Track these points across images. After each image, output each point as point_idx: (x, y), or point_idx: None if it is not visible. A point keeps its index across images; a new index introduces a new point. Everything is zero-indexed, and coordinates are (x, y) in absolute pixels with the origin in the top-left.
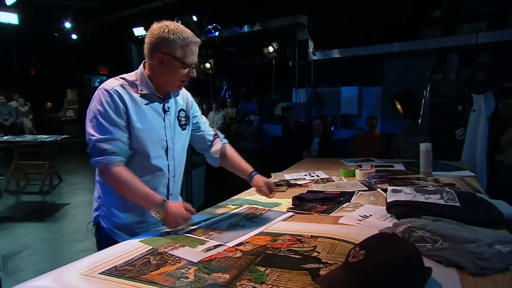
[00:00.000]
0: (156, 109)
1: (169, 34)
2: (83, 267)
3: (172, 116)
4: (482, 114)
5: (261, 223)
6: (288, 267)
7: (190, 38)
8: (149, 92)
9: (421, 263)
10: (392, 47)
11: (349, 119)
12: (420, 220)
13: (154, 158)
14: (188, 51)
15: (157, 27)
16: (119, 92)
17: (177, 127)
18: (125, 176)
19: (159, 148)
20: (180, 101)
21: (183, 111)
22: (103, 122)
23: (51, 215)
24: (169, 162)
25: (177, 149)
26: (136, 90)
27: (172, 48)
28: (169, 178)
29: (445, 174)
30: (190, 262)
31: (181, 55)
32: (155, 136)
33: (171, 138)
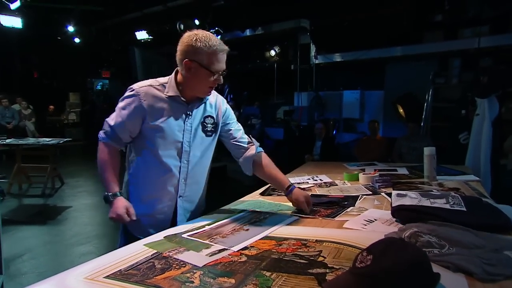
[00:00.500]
0: (178, 112)
1: (196, 42)
2: (87, 271)
3: (195, 121)
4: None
5: (266, 227)
6: (294, 271)
7: (216, 46)
8: (174, 95)
9: (430, 269)
10: (394, 51)
11: (351, 123)
12: (426, 225)
13: (165, 157)
14: (214, 59)
15: (187, 35)
16: (142, 92)
17: (199, 132)
18: (103, 156)
19: (172, 148)
20: (210, 108)
21: (211, 118)
22: (118, 113)
23: (53, 218)
24: (181, 164)
25: (195, 154)
26: (163, 91)
27: (199, 55)
28: (179, 179)
29: (449, 179)
30: (195, 266)
31: (207, 62)
32: (169, 136)
33: (188, 141)
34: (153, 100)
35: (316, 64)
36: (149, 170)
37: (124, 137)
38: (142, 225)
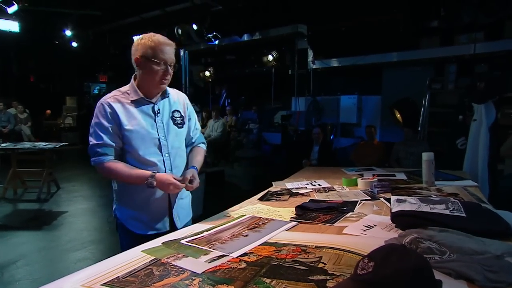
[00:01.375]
0: (146, 112)
1: (141, 40)
2: (84, 278)
3: (165, 117)
4: (483, 124)
5: (265, 233)
6: (294, 278)
7: (160, 40)
8: (138, 98)
9: (432, 276)
10: (391, 57)
11: (348, 127)
12: (426, 231)
13: (147, 154)
14: (158, 50)
15: (136, 38)
16: (110, 103)
17: (171, 125)
18: (116, 167)
19: (152, 145)
20: (174, 103)
21: (178, 112)
22: (97, 130)
23: (49, 224)
24: (164, 157)
25: (173, 145)
26: (128, 98)
27: (144, 50)
28: (166, 171)
29: (447, 184)
30: (193, 273)
31: (152, 54)
32: (145, 135)
33: (163, 136)
34: (122, 107)
35: (313, 69)
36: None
37: (116, 141)
38: (142, 222)
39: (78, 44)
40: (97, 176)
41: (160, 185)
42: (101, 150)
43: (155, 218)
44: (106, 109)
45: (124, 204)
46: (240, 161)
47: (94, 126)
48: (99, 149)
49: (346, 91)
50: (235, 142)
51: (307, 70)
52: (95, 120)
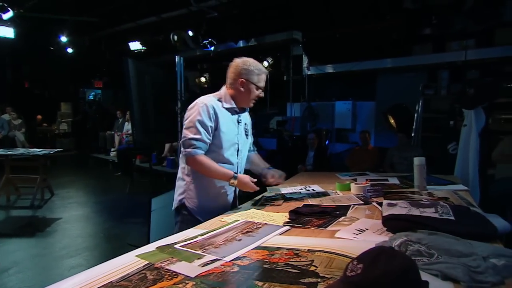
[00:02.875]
0: (233, 120)
1: (250, 66)
2: (78, 283)
3: (242, 127)
4: (473, 129)
5: (258, 237)
6: (286, 281)
7: (263, 69)
8: (231, 107)
9: (418, 277)
10: (385, 63)
11: (343, 133)
12: (416, 234)
13: (228, 155)
14: (261, 79)
15: (241, 60)
16: (214, 106)
17: (244, 135)
18: (207, 161)
19: (232, 149)
20: (246, 117)
21: (247, 125)
22: (198, 125)
23: (42, 230)
24: (238, 160)
25: (244, 152)
26: (221, 104)
27: (251, 75)
28: (237, 172)
29: (439, 188)
30: (187, 277)
31: (256, 80)
32: (231, 139)
33: (240, 142)
34: (220, 111)
35: (308, 75)
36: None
37: (210, 140)
38: (208, 211)
39: (74, 50)
40: (92, 182)
41: (239, 184)
42: (197, 143)
43: (221, 208)
44: (210, 110)
45: (195, 195)
46: None
47: (196, 122)
48: (195, 142)
49: (341, 97)
50: None
51: (302, 76)
52: (198, 117)
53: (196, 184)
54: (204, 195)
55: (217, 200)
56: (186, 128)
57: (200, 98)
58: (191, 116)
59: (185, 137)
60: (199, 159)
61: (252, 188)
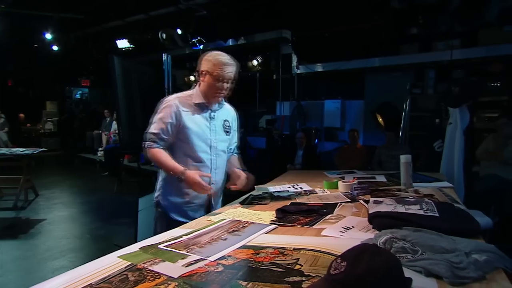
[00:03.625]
0: (204, 116)
1: (209, 57)
2: (57, 285)
3: (218, 123)
4: (458, 127)
5: (244, 236)
6: (271, 280)
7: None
8: (200, 102)
9: (402, 274)
10: (373, 62)
11: (332, 131)
12: (401, 231)
13: (200, 152)
14: (220, 69)
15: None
16: (178, 103)
17: (221, 131)
18: (159, 154)
19: (204, 145)
20: (227, 114)
21: (227, 121)
22: (159, 122)
23: (25, 232)
24: (211, 157)
25: (220, 148)
26: (191, 100)
27: (209, 66)
28: (211, 169)
29: (424, 186)
30: (170, 277)
31: (213, 71)
32: (201, 134)
33: (214, 138)
34: (188, 106)
35: (297, 74)
36: (187, 164)
37: (168, 138)
38: (182, 210)
39: (59, 47)
40: (78, 182)
41: (188, 182)
42: (154, 138)
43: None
44: (173, 108)
45: (167, 192)
46: None
47: (158, 119)
48: (153, 137)
49: (330, 96)
50: None
51: (292, 75)
52: (159, 114)
53: (168, 181)
54: (175, 193)
55: (188, 198)
56: (149, 124)
57: (168, 96)
58: (156, 113)
59: (146, 132)
60: (152, 152)
61: (202, 188)
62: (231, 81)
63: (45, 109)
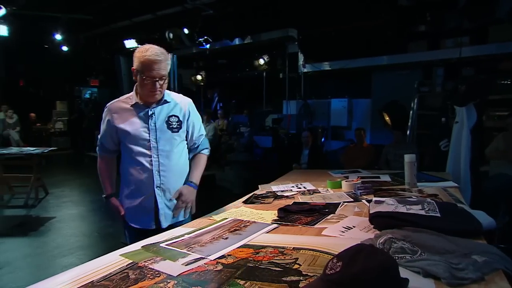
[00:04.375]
0: (141, 115)
1: (137, 53)
2: (59, 283)
3: (159, 120)
4: (464, 126)
5: (245, 236)
6: (268, 280)
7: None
8: (135, 102)
9: (397, 274)
10: (380, 60)
11: (339, 130)
12: (401, 231)
13: (138, 154)
14: (147, 66)
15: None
16: (109, 108)
17: (165, 129)
18: (99, 166)
19: (141, 146)
20: (175, 108)
21: (176, 117)
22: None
23: (36, 230)
24: (152, 158)
25: (164, 148)
26: (128, 102)
27: (136, 63)
28: (153, 171)
29: (429, 185)
30: (169, 276)
31: (140, 68)
32: (137, 135)
33: (154, 138)
34: (120, 111)
35: (304, 73)
36: (127, 167)
37: (109, 146)
38: (134, 215)
39: (69, 48)
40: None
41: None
42: (99, 145)
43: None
44: (106, 114)
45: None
46: (231, 164)
47: (101, 125)
48: (99, 144)
49: (337, 95)
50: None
51: (298, 74)
52: (101, 123)
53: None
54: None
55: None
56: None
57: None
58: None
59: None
60: (98, 160)
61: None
62: (164, 78)
63: (55, 109)
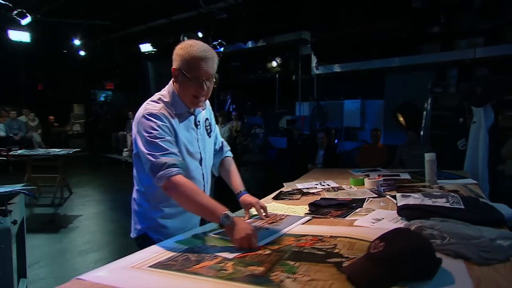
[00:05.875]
0: (190, 125)
1: (180, 50)
2: (132, 262)
3: (202, 128)
4: (482, 126)
5: (284, 226)
6: (314, 260)
7: (198, 53)
8: (182, 112)
9: (432, 253)
10: (393, 62)
11: (352, 131)
12: (429, 221)
13: (193, 170)
14: (195, 66)
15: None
16: (165, 114)
17: (206, 136)
18: (190, 187)
19: (195, 160)
20: (205, 110)
21: (208, 120)
22: (157, 141)
23: (65, 227)
24: (203, 171)
25: (208, 158)
26: (171, 109)
27: (181, 63)
28: (204, 185)
29: (449, 182)
30: (226, 258)
31: (186, 69)
32: (192, 149)
33: (203, 149)
34: (173, 120)
35: (317, 75)
36: None
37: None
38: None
39: (86, 52)
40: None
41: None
42: (168, 159)
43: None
44: (164, 121)
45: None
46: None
47: (155, 139)
48: (165, 158)
49: (350, 96)
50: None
51: (311, 76)
52: (154, 132)
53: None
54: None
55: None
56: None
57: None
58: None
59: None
60: (180, 181)
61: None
62: (212, 79)
63: (73, 112)
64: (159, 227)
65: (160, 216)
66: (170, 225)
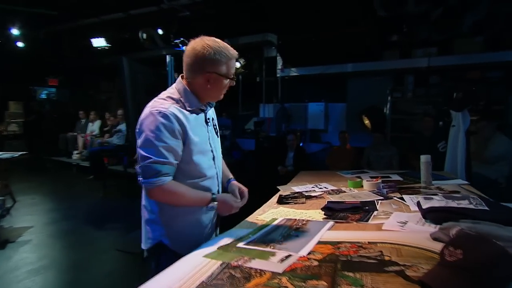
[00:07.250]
0: (201, 122)
1: (215, 55)
2: (170, 284)
3: (211, 126)
4: (460, 129)
5: (313, 232)
6: (373, 270)
7: (230, 53)
8: (195, 108)
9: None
10: (356, 67)
11: (316, 133)
12: (461, 224)
13: (206, 169)
14: (231, 65)
15: (200, 46)
16: (175, 114)
17: (215, 135)
18: (178, 188)
19: (209, 159)
20: (212, 111)
21: (213, 120)
22: (157, 145)
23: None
24: (217, 170)
25: (218, 156)
26: (183, 106)
27: (217, 66)
28: (218, 184)
29: (443, 183)
30: (275, 273)
31: (225, 71)
32: (205, 147)
33: (214, 147)
34: (185, 118)
35: (281, 77)
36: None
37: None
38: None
39: (25, 44)
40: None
41: (220, 207)
42: (164, 169)
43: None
44: (173, 122)
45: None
46: None
47: (156, 141)
48: (161, 167)
49: (313, 99)
50: None
51: (275, 78)
52: (156, 133)
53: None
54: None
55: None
56: (145, 146)
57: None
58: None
59: (146, 161)
60: (168, 187)
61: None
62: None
63: (8, 110)
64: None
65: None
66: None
